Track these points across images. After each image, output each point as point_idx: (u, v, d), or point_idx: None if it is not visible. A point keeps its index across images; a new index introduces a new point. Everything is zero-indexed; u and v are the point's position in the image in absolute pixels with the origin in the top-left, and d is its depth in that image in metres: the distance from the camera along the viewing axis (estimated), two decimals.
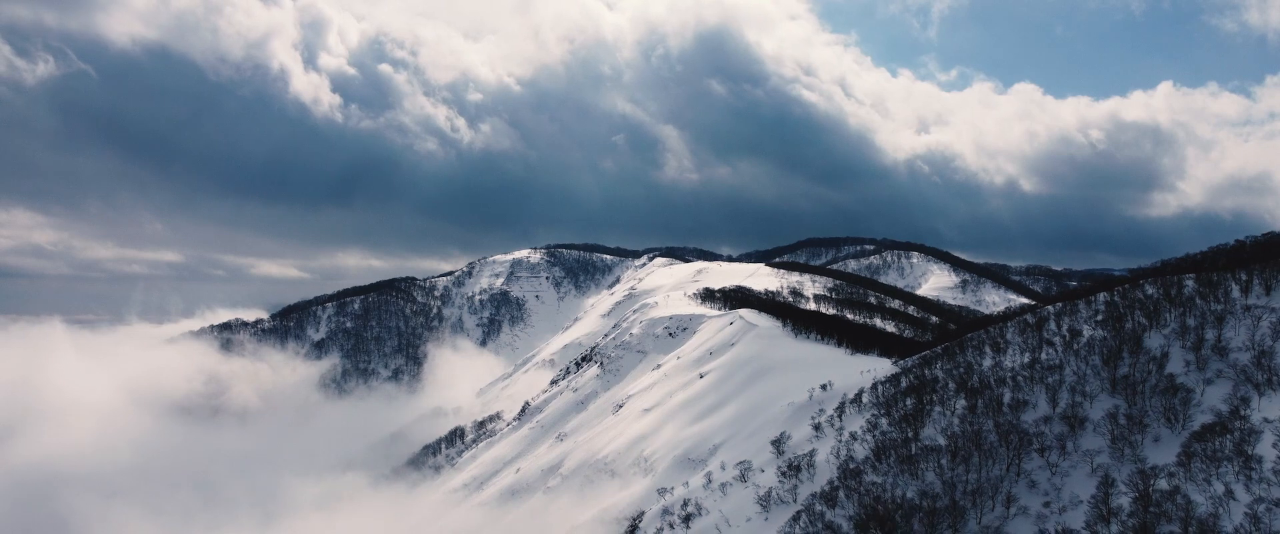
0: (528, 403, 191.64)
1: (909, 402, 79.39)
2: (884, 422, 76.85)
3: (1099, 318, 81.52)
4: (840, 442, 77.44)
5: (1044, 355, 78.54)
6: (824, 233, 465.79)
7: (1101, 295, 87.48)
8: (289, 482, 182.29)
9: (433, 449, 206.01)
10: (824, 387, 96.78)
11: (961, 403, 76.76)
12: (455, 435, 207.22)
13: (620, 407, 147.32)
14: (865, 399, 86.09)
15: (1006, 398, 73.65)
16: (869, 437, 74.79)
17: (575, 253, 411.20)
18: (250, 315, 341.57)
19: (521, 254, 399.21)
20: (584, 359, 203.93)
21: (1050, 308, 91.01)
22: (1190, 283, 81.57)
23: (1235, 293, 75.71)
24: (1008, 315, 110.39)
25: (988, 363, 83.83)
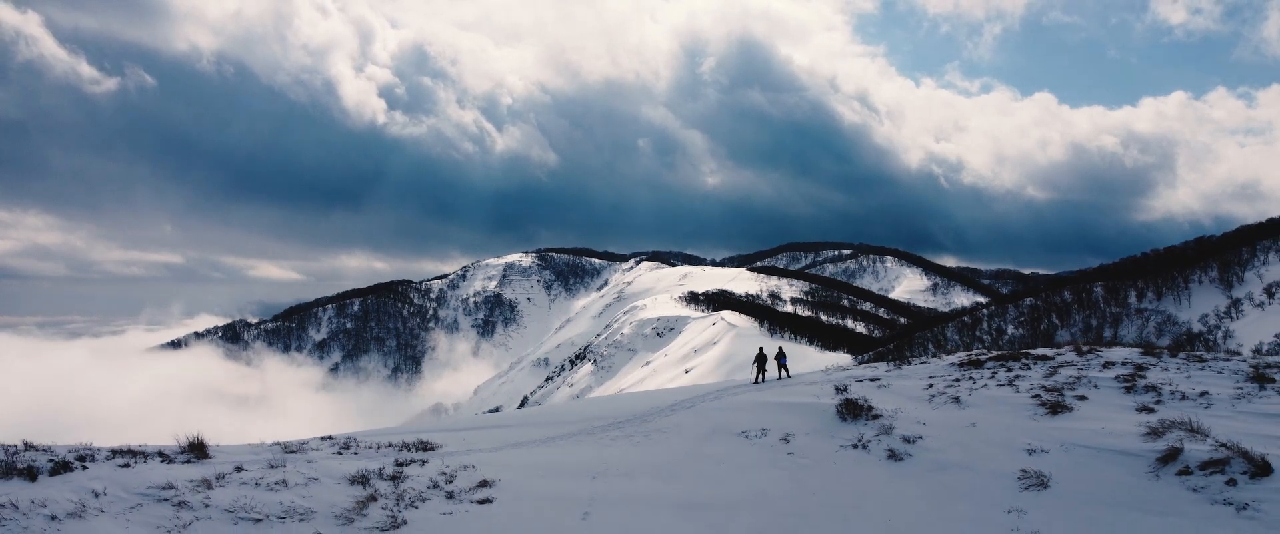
0: (526, 398, 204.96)
1: None
2: None
3: (1022, 318, 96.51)
4: None
5: (974, 351, 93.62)
6: (824, 237, 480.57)
7: (1028, 299, 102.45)
8: None
9: None
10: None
11: None
12: None
13: None
14: None
15: None
16: None
17: (565, 257, 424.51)
18: (246, 320, 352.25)
19: (514, 257, 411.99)
20: (578, 357, 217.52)
21: (985, 310, 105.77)
22: (1098, 289, 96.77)
23: (1132, 298, 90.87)
24: (950, 316, 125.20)
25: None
